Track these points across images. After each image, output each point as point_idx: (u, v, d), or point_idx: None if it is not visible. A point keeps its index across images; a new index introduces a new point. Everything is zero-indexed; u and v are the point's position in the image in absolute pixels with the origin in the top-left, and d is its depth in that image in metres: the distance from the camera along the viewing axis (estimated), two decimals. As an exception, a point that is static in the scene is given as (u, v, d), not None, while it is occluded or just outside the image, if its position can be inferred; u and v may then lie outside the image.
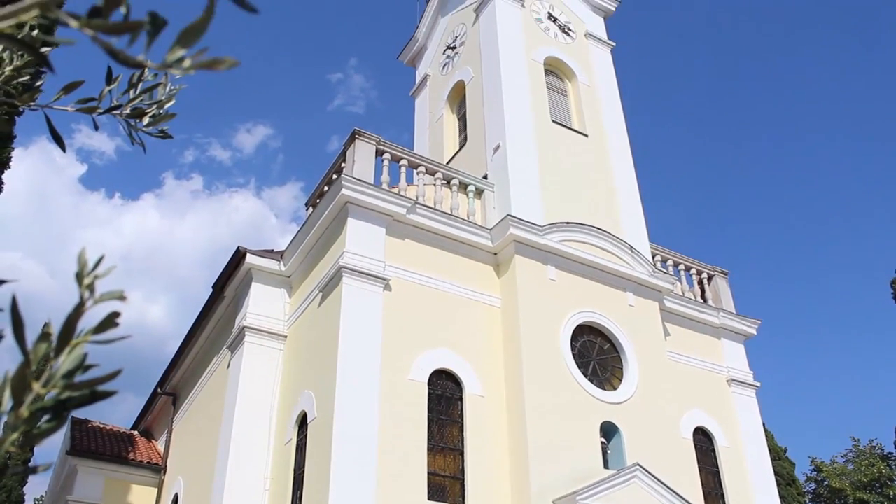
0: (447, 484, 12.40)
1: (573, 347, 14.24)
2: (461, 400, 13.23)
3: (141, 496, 19.32)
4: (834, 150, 59.42)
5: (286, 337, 14.96)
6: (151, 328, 62.04)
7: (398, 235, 14.04)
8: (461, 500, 12.35)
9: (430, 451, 12.41)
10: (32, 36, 1.66)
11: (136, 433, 22.13)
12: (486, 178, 16.08)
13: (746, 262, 60.49)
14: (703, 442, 16.01)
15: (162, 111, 1.98)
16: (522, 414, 12.88)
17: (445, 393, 13.18)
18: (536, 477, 12.29)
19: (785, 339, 60.34)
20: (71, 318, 1.04)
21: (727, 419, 16.63)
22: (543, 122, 16.92)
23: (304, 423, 12.97)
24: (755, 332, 18.25)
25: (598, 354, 14.65)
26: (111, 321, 1.06)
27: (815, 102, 60.37)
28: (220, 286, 16.00)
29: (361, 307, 12.86)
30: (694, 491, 14.51)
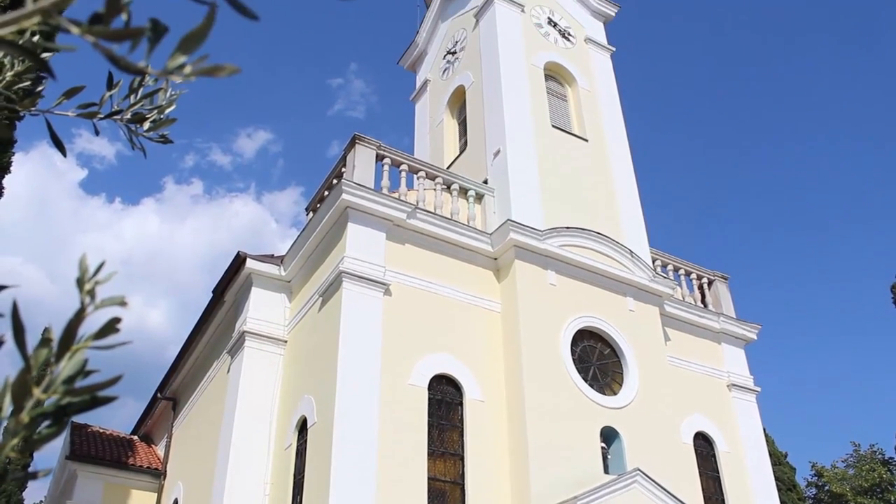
0: (447, 489, 12.38)
1: (573, 352, 14.23)
2: (461, 405, 13.21)
3: (141, 501, 19.28)
4: (834, 154, 59.51)
5: (286, 342, 14.95)
6: (151, 333, 62.05)
7: (398, 240, 14.05)
8: (461, 505, 12.34)
9: (430, 455, 12.40)
10: (33, 42, 1.66)
11: (135, 438, 22.11)
12: (486, 182, 16.08)
13: (747, 266, 60.53)
14: (703, 447, 15.99)
15: (162, 116, 1.98)
16: (523, 419, 12.87)
17: (445, 398, 13.17)
18: (536, 482, 12.28)
19: (785, 343, 60.36)
20: (72, 323, 1.04)
21: (728, 424, 16.61)
22: (543, 126, 16.94)
23: (304, 427, 12.95)
24: (755, 336, 18.24)
25: (598, 359, 14.64)
26: (112, 327, 1.07)
27: (814, 107, 60.48)
28: (220, 291, 15.99)
29: (361, 312, 12.86)
30: (695, 496, 14.49)
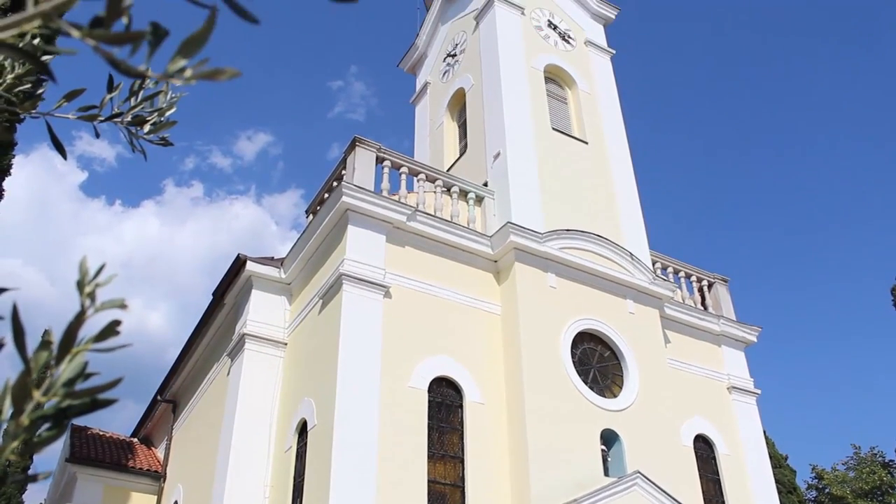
0: (447, 491, 12.38)
1: (573, 355, 14.22)
2: (461, 407, 13.21)
3: (140, 504, 19.29)
4: (833, 156, 59.54)
5: (286, 344, 14.95)
6: (151, 335, 62.00)
7: (398, 243, 14.05)
8: (461, 507, 12.33)
9: (430, 458, 12.39)
10: (34, 45, 1.67)
11: (135, 440, 22.09)
12: (486, 185, 16.09)
13: (747, 269, 60.52)
14: (703, 449, 15.98)
15: (163, 119, 1.99)
16: (523, 421, 12.86)
17: (445, 400, 13.16)
18: (537, 484, 12.27)
19: (785, 346, 60.33)
20: (72, 326, 1.04)
21: (728, 426, 16.61)
22: (543, 129, 16.95)
23: (304, 430, 12.95)
24: (755, 339, 18.24)
25: (598, 362, 14.64)
26: (112, 329, 1.07)
27: (814, 109, 60.51)
28: (220, 293, 15.99)
29: (361, 314, 12.86)
30: (695, 498, 14.48)
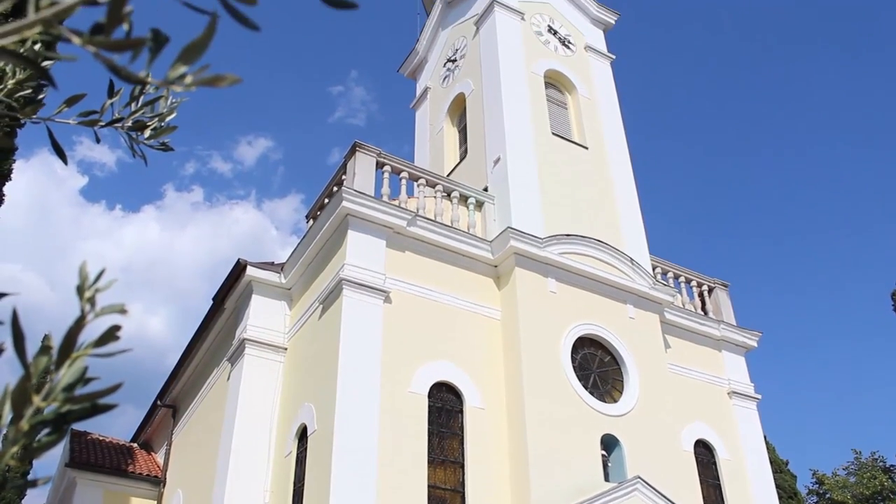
0: (447, 497, 12.36)
1: (573, 360, 14.22)
2: (461, 412, 13.20)
3: (140, 509, 19.24)
4: (833, 161, 59.56)
5: (286, 349, 14.94)
6: (151, 340, 61.94)
7: (398, 248, 14.05)
8: (461, 513, 12.31)
9: (430, 463, 12.38)
10: (35, 51, 1.67)
11: (135, 445, 22.06)
12: (486, 190, 16.10)
13: (747, 274, 60.51)
14: (704, 454, 15.96)
15: (163, 124, 1.99)
16: (523, 426, 12.85)
17: (446, 405, 13.15)
18: (537, 490, 12.25)
19: (786, 351, 60.26)
20: (72, 331, 1.04)
21: (728, 432, 16.58)
22: (543, 134, 16.97)
23: (304, 435, 12.93)
24: (756, 344, 18.23)
25: (598, 367, 14.63)
26: (112, 334, 1.07)
27: (814, 113, 60.56)
28: (220, 298, 15.99)
29: (362, 319, 12.85)
30: (695, 504, 14.47)
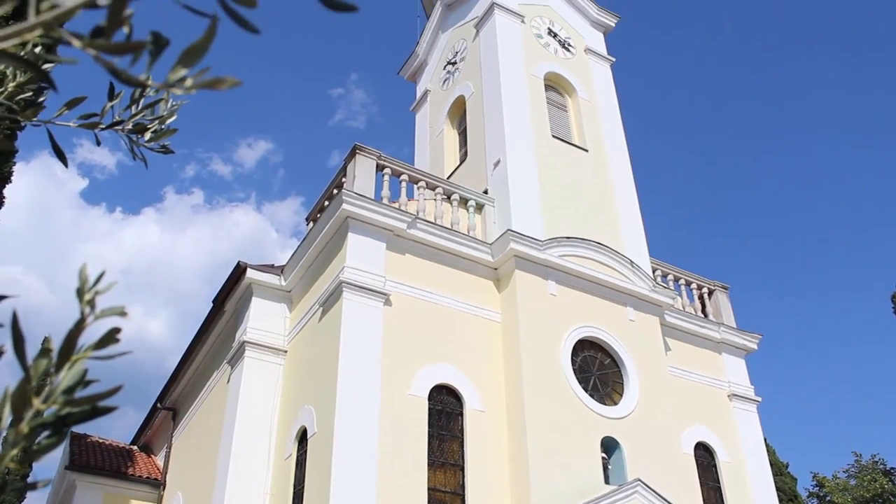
0: (447, 499, 12.34)
1: (574, 362, 14.21)
2: (461, 415, 13.19)
3: (140, 512, 19.22)
4: (833, 162, 59.58)
5: (286, 352, 14.93)
6: (151, 343, 61.93)
7: (399, 250, 14.05)
8: (461, 515, 12.30)
9: (430, 466, 12.37)
10: (36, 54, 1.68)
11: (135, 448, 22.05)
12: (486, 192, 16.11)
13: (747, 276, 60.48)
14: (704, 457, 15.95)
15: (164, 127, 1.99)
16: (523, 429, 12.84)
17: (446, 408, 13.14)
18: (537, 492, 12.24)
19: (786, 353, 60.25)
20: (72, 333, 1.04)
21: (728, 434, 16.57)
22: (543, 137, 16.97)
23: (304, 438, 12.93)
24: (756, 346, 18.22)
25: (598, 369, 14.62)
26: (112, 337, 1.07)
27: (814, 115, 60.58)
28: (220, 301, 15.99)
29: (362, 322, 12.85)
30: (695, 507, 14.45)
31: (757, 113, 62.21)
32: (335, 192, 14.82)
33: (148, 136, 1.97)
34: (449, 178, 17.79)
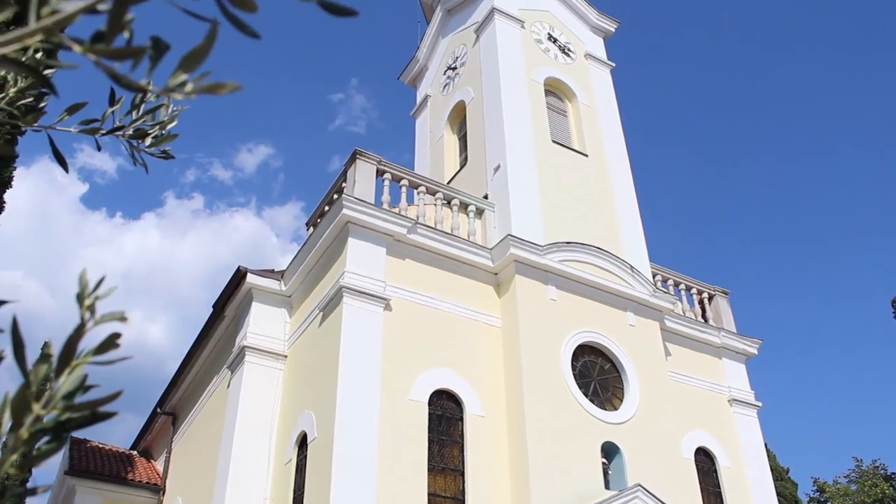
0: (447, 505, 12.32)
1: (574, 367, 14.20)
2: (462, 420, 13.17)
3: (139, 517, 19.18)
4: (834, 167, 59.62)
5: (286, 357, 14.92)
6: (151, 348, 61.89)
7: (399, 255, 14.05)
8: (462, 521, 12.27)
9: (430, 471, 12.35)
10: (36, 59, 1.68)
11: (135, 453, 22.02)
12: (486, 197, 16.11)
13: (747, 281, 60.47)
14: (704, 462, 15.92)
15: (164, 132, 1.99)
16: (523, 434, 12.82)
17: (446, 413, 13.13)
18: (537, 498, 12.21)
19: (786, 358, 60.19)
20: (71, 339, 1.04)
21: (729, 439, 16.55)
22: (544, 142, 16.99)
23: (304, 443, 12.91)
24: (756, 351, 18.20)
25: (598, 374, 14.61)
26: (112, 342, 1.07)
27: (814, 120, 60.63)
28: (220, 306, 15.98)
29: (362, 327, 12.84)
30: (696, 512, 14.42)
31: (757, 117, 62.30)
32: (335, 196, 14.83)
33: (149, 141, 1.97)
34: (449, 183, 17.79)
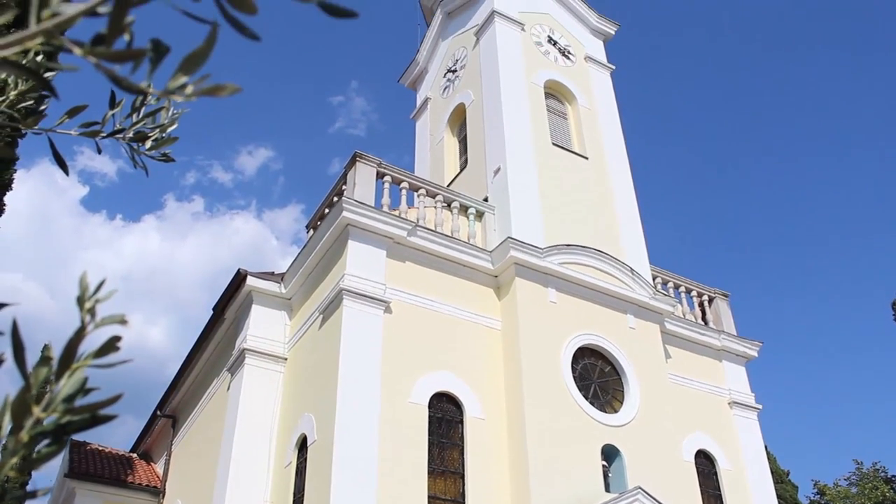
0: (448, 508, 12.31)
1: (574, 370, 14.19)
2: (462, 423, 13.16)
3: (139, 520, 19.16)
4: (834, 169, 59.63)
5: (286, 359, 14.91)
6: (151, 350, 61.84)
7: (399, 258, 14.05)
8: (462, 524, 12.26)
9: (430, 474, 12.34)
10: (37, 62, 1.68)
11: (135, 456, 22.00)
12: (486, 200, 16.12)
13: (747, 284, 60.47)
14: (704, 465, 15.91)
15: (164, 135, 2.00)
16: (523, 437, 12.81)
17: (446, 416, 13.12)
18: (537, 500, 12.20)
19: (787, 361, 60.16)
20: (72, 342, 1.04)
21: (729, 442, 16.53)
22: (544, 144, 16.99)
23: (304, 445, 12.90)
24: (756, 354, 18.19)
25: (598, 377, 14.60)
26: (112, 345, 1.07)
27: (814, 122, 60.65)
28: (220, 308, 15.98)
29: (362, 330, 12.84)
30: (696, 515, 14.40)
31: (756, 120, 62.33)
32: (335, 199, 14.83)
33: (149, 144, 1.97)
34: (449, 185, 17.80)
